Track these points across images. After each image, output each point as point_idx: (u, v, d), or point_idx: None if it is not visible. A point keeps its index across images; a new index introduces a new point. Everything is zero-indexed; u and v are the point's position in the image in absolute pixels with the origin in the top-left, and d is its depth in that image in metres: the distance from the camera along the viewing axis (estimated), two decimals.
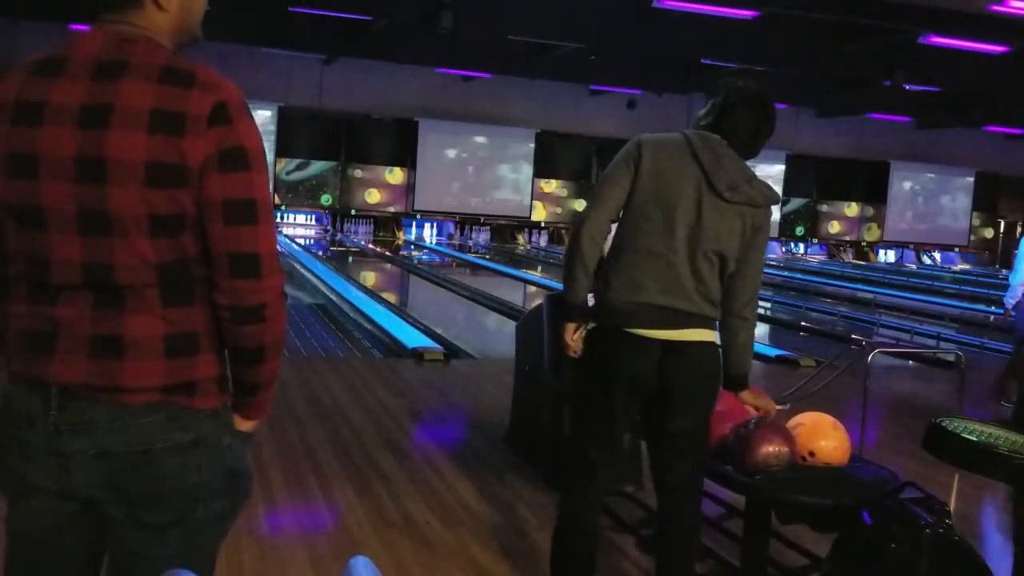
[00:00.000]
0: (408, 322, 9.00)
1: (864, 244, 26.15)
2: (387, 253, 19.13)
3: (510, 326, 8.48)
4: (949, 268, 24.70)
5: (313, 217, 22.14)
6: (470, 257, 19.33)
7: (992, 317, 11.90)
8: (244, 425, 1.66)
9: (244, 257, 1.50)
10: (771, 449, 2.78)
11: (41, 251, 1.48)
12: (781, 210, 25.08)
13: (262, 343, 1.57)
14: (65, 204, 1.45)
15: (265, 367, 1.60)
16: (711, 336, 2.66)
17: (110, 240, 1.46)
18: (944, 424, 2.64)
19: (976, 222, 26.97)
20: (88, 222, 1.46)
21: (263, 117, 20.44)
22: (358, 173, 21.94)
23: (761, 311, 12.41)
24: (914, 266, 25.10)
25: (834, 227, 26.01)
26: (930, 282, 18.26)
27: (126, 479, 1.52)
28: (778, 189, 24.71)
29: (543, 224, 23.53)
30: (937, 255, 27.12)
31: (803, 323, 11.55)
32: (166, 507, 1.55)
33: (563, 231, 23.67)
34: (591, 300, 2.73)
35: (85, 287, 1.49)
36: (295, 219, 21.94)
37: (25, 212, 1.47)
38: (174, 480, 1.54)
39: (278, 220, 21.55)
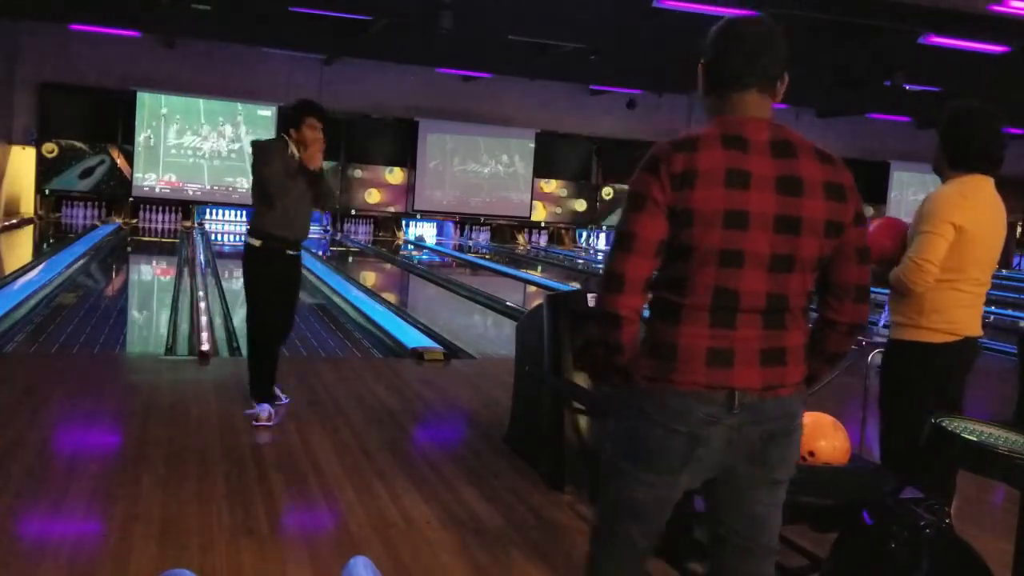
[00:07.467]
0: (408, 322, 8.98)
1: None
2: (387, 253, 19.11)
3: (510, 326, 8.47)
4: None
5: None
6: (470, 257, 19.30)
7: (991, 317, 11.89)
8: None
9: (865, 288, 2.04)
10: None
11: (733, 284, 1.93)
12: None
13: (848, 349, 2.11)
14: (763, 248, 1.92)
15: (838, 363, 2.14)
16: None
17: (788, 275, 1.95)
18: (944, 424, 2.64)
19: None
20: (777, 262, 1.93)
21: (263, 117, 20.44)
22: (358, 173, 21.91)
23: None
24: None
25: None
26: None
27: (770, 448, 1.99)
28: None
29: (543, 224, 23.50)
30: None
31: None
32: (789, 466, 2.05)
33: (563, 231, 23.66)
34: None
35: (761, 312, 1.95)
36: None
37: (730, 254, 1.92)
38: (796, 446, 2.06)
39: None
